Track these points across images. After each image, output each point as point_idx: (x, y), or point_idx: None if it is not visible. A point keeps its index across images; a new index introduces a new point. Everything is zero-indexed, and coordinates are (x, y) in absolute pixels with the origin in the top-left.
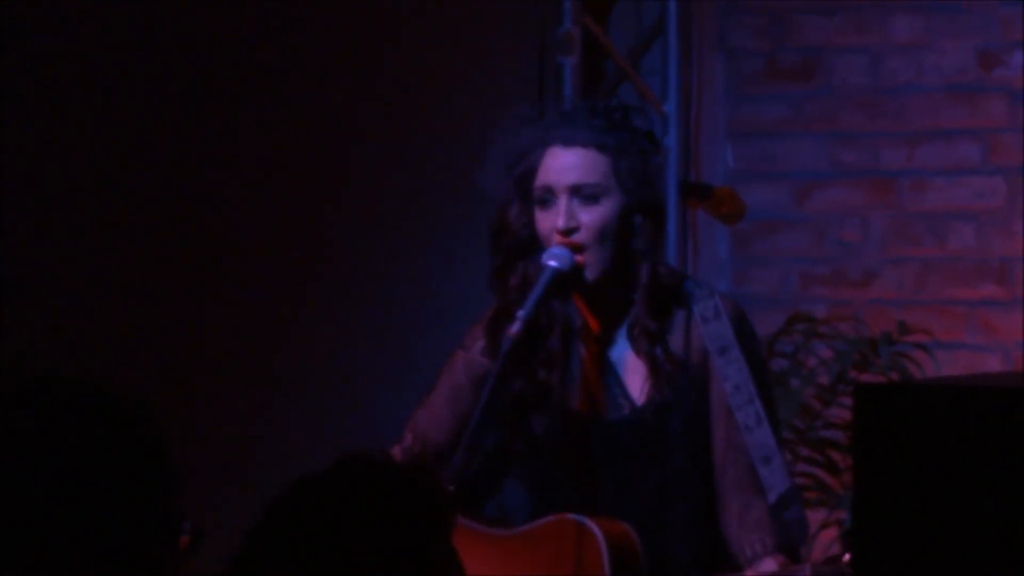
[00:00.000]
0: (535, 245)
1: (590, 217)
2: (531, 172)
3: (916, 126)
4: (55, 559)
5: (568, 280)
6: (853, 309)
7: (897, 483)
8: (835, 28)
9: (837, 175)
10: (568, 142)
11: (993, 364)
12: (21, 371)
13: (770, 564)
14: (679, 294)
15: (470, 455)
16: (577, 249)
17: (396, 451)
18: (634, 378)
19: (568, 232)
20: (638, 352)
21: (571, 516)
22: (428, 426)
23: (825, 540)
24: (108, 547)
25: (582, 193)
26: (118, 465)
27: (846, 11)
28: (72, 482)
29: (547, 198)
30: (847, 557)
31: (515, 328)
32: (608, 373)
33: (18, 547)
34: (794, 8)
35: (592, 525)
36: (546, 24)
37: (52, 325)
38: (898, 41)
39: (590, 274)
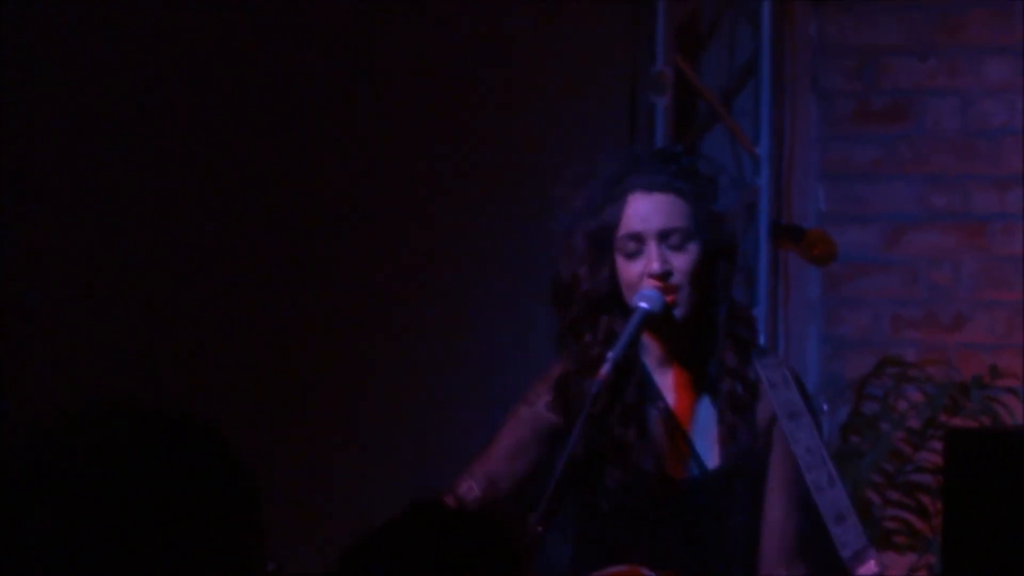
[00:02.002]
0: (616, 298)
1: (680, 261)
2: (613, 222)
3: (1007, 169)
4: None
5: (657, 322)
6: (944, 353)
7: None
8: (928, 70)
9: (928, 218)
10: (650, 188)
11: None
12: (112, 405)
13: None
14: (754, 343)
15: (555, 504)
16: (671, 291)
17: (449, 500)
18: (705, 438)
19: (664, 276)
20: (717, 393)
21: (643, 569)
22: (488, 480)
23: None
24: None
25: (670, 239)
26: (205, 504)
27: (939, 54)
28: (160, 521)
29: (635, 246)
30: None
31: (605, 370)
32: (681, 432)
33: None
34: (887, 50)
35: None
36: (639, 64)
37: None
38: (990, 84)
39: (679, 313)
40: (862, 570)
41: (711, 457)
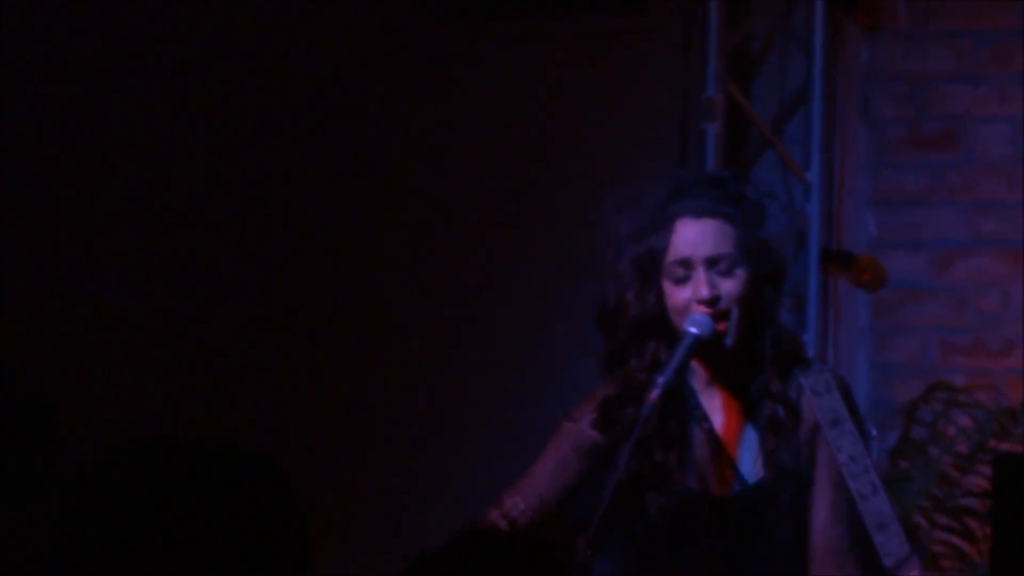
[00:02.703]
0: (663, 323)
1: (728, 286)
2: (661, 248)
3: None
4: None
5: (705, 348)
6: (992, 378)
7: None
8: (978, 97)
9: (977, 244)
10: (698, 214)
11: None
12: (161, 434)
13: None
14: (798, 363)
15: (604, 528)
16: (720, 317)
17: (495, 516)
18: (749, 460)
19: (714, 301)
20: (760, 416)
21: None
22: (533, 496)
23: None
24: None
25: (718, 265)
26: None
27: (990, 80)
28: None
29: (683, 272)
30: None
31: (655, 394)
32: (725, 453)
33: None
34: (937, 77)
35: None
36: (690, 91)
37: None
38: None
39: (729, 341)
40: None
41: (754, 476)
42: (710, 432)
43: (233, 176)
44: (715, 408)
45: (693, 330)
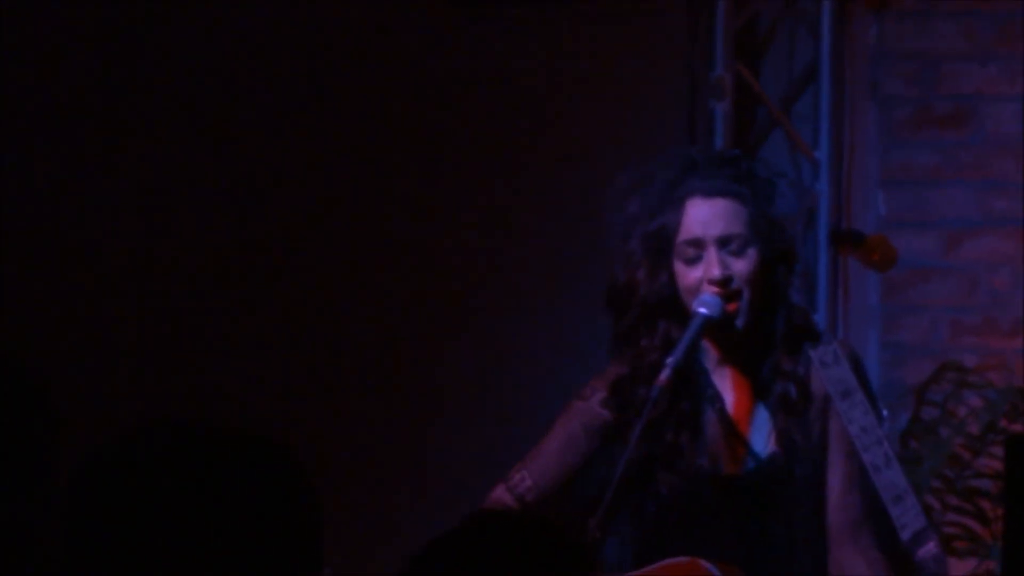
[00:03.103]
0: (674, 303)
1: (739, 266)
2: (672, 228)
3: None
4: None
5: (716, 328)
6: (1003, 358)
7: None
8: (988, 76)
9: (988, 223)
10: (709, 193)
11: None
12: (171, 419)
13: None
14: (809, 339)
15: (613, 508)
16: (731, 297)
17: (502, 490)
18: (761, 438)
19: (725, 282)
20: (771, 395)
21: (701, 561)
22: (540, 472)
23: None
24: None
25: (730, 244)
26: (263, 510)
27: (999, 59)
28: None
29: (694, 252)
30: None
31: (664, 375)
32: (737, 432)
33: None
34: (947, 55)
35: (716, 570)
36: (698, 70)
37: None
38: None
39: (741, 322)
40: (922, 552)
41: (766, 454)
42: (721, 412)
43: (235, 162)
44: (726, 387)
45: (703, 310)
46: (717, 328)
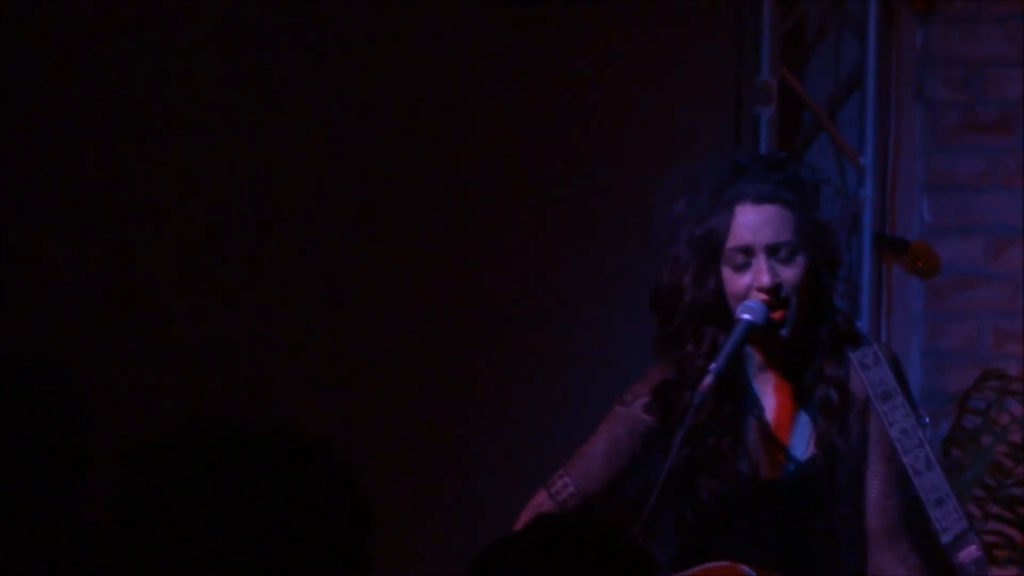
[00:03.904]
0: (721, 309)
1: (789, 274)
2: (721, 233)
3: None
4: None
5: (759, 334)
6: None
7: None
8: None
9: None
10: (759, 199)
11: None
12: (221, 420)
13: None
14: (851, 342)
15: (656, 513)
16: (780, 305)
17: (544, 496)
18: (802, 444)
19: (775, 289)
20: (812, 399)
21: (741, 566)
22: (583, 477)
23: None
24: None
25: (779, 252)
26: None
27: None
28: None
29: (743, 258)
30: None
31: (707, 381)
32: (776, 439)
33: None
34: (993, 61)
35: (753, 573)
36: (743, 74)
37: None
38: None
39: (785, 331)
40: (963, 555)
41: (805, 457)
42: (762, 419)
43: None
44: (768, 392)
45: (747, 316)
46: (761, 334)
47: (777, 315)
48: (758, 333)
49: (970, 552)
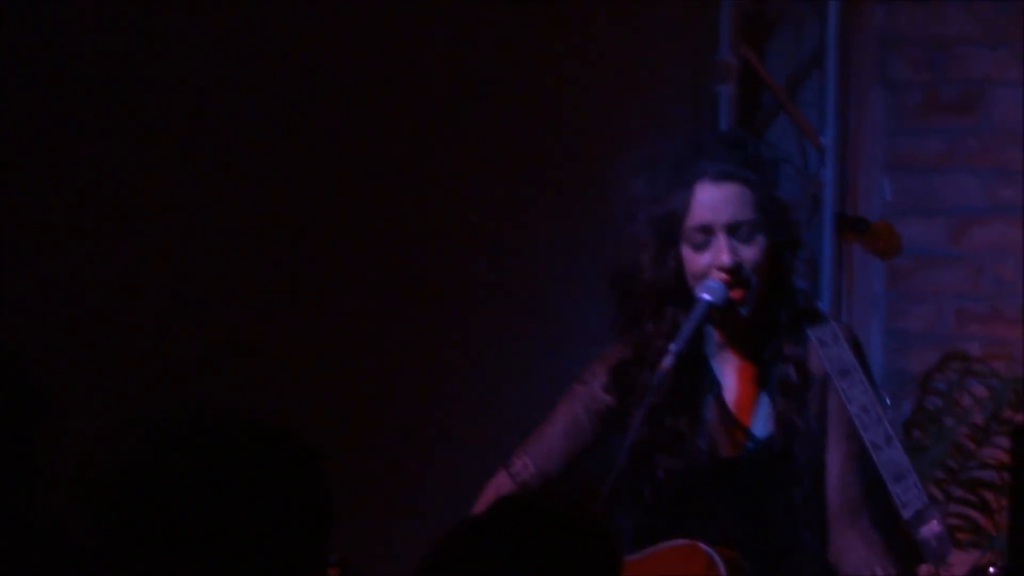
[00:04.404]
0: (682, 288)
1: (749, 253)
2: (680, 212)
3: None
4: None
5: (719, 314)
6: (1009, 347)
7: None
8: (997, 61)
9: (995, 211)
10: (718, 177)
11: None
12: (188, 405)
13: None
14: (811, 320)
15: (616, 492)
16: (739, 284)
17: (504, 476)
18: (762, 422)
19: (735, 269)
20: (772, 378)
21: (700, 544)
22: (543, 457)
23: None
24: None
25: (739, 231)
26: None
27: (1009, 44)
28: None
29: (703, 237)
30: (993, 570)
31: (668, 362)
32: (736, 418)
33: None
34: (955, 41)
35: (715, 553)
36: (703, 53)
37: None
38: None
39: (745, 310)
40: (924, 530)
41: (764, 435)
42: (721, 398)
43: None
44: (728, 371)
45: (707, 297)
46: (721, 314)
47: (737, 294)
48: (718, 313)
49: (932, 527)
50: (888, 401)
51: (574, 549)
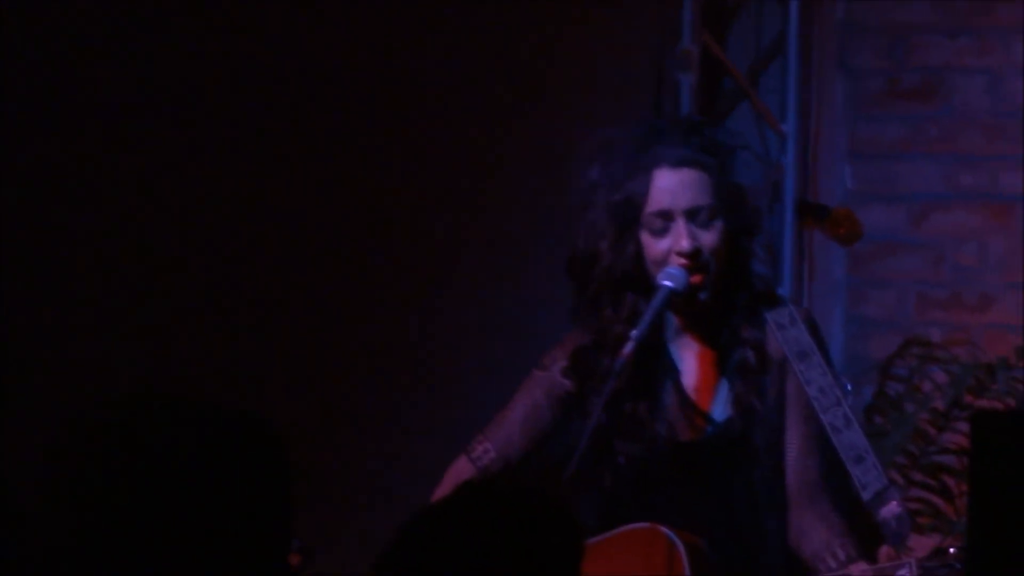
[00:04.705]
0: (641, 274)
1: (708, 238)
2: (639, 198)
3: None
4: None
5: (679, 300)
6: (969, 333)
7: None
8: (957, 49)
9: (956, 198)
10: (677, 163)
11: None
12: (148, 387)
13: (857, 570)
14: (769, 304)
15: (576, 475)
16: (699, 269)
17: (464, 462)
18: (718, 400)
19: (695, 254)
20: (731, 362)
21: (661, 528)
22: (503, 442)
23: None
24: (218, 560)
25: (698, 216)
26: (235, 479)
27: (969, 32)
28: (188, 495)
29: (662, 223)
30: (953, 551)
31: (628, 348)
32: (694, 402)
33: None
34: (916, 28)
35: (675, 536)
36: (665, 41)
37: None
38: (1021, 63)
39: (704, 295)
40: (884, 511)
41: (723, 419)
42: (679, 383)
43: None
44: (688, 356)
45: (668, 283)
46: (680, 300)
47: (696, 279)
48: (678, 299)
49: (891, 508)
50: (849, 387)
51: (538, 533)
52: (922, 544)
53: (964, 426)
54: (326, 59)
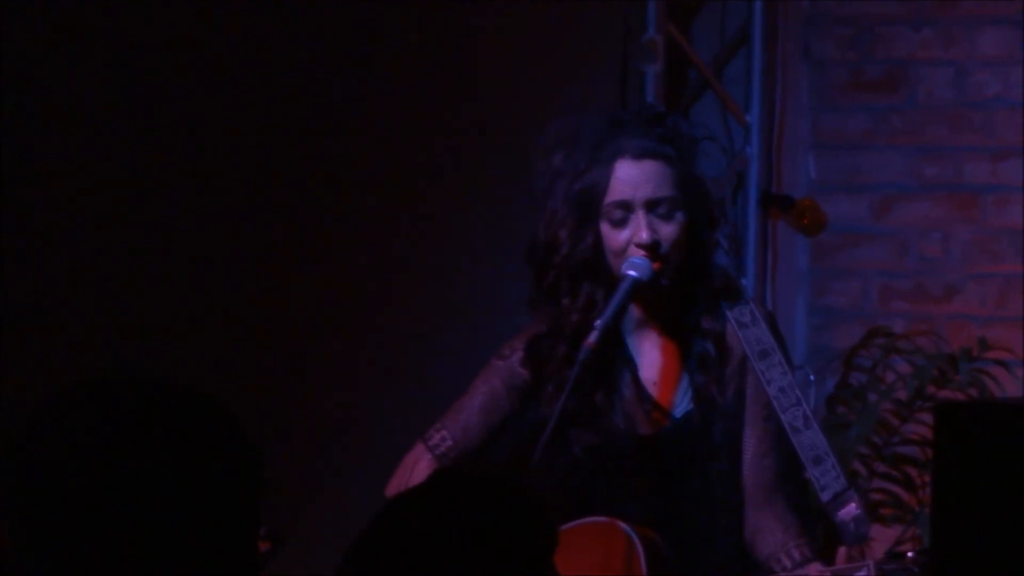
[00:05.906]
0: (600, 265)
1: (667, 230)
2: (599, 188)
3: (1001, 141)
4: (131, 558)
5: (642, 289)
6: (933, 324)
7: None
8: (922, 40)
9: (920, 189)
10: (638, 154)
11: None
12: (113, 373)
13: (813, 570)
14: (729, 298)
15: (540, 467)
16: (659, 260)
17: (422, 450)
18: (678, 392)
19: (653, 246)
20: (691, 354)
21: (618, 522)
22: (461, 431)
23: None
24: (186, 548)
25: (658, 208)
26: (202, 467)
27: (933, 23)
28: (154, 482)
29: (622, 214)
30: (911, 554)
31: (593, 338)
32: (651, 394)
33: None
34: (880, 19)
35: (634, 533)
36: (629, 32)
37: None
38: (985, 55)
39: (666, 281)
40: (842, 513)
41: (682, 412)
42: (635, 374)
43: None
44: (648, 349)
45: (633, 273)
46: (643, 290)
47: (656, 266)
48: (641, 289)
49: (850, 510)
50: (812, 377)
51: (511, 523)
52: (885, 536)
53: (927, 417)
54: (294, 53)
